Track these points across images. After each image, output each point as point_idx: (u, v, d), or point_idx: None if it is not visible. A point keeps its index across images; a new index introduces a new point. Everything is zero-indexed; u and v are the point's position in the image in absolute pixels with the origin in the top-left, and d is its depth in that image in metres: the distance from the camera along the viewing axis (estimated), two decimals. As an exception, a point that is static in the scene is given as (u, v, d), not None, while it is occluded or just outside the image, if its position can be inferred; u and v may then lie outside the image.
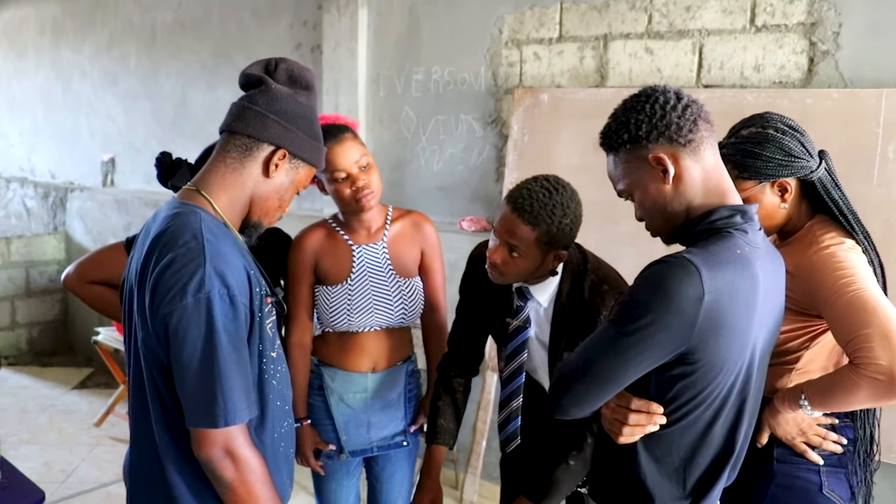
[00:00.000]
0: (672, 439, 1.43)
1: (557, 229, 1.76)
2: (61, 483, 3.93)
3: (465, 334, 2.16)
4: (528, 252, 1.79)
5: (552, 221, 1.75)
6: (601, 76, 3.35)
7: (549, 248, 1.79)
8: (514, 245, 1.79)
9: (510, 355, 2.01)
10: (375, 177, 2.18)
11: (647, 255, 1.41)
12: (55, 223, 6.36)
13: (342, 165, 2.12)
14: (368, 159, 2.17)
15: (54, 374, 5.65)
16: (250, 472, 1.44)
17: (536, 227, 1.75)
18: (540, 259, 1.81)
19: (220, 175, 1.53)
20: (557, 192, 1.77)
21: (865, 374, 1.51)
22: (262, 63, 1.58)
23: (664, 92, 1.41)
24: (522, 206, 1.75)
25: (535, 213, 1.74)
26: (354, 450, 2.34)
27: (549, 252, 1.81)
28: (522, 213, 1.75)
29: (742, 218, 1.39)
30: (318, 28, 4.36)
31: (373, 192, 2.16)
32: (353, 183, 2.14)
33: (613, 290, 1.84)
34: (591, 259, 1.91)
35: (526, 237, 1.77)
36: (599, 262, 1.93)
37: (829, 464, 1.76)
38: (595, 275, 1.87)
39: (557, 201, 1.76)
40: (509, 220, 1.78)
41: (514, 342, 1.99)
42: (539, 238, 1.76)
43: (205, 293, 1.37)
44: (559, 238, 1.78)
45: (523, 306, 1.95)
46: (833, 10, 2.74)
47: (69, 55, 6.24)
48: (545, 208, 1.74)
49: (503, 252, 1.82)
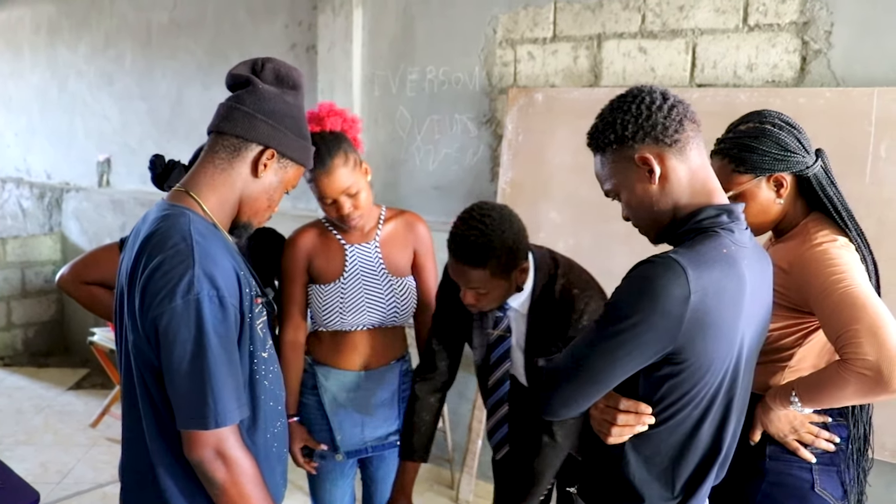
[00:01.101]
0: (660, 439, 1.43)
1: (506, 256, 1.81)
2: (57, 484, 3.92)
3: (444, 346, 2.17)
4: (492, 285, 1.85)
5: (496, 254, 1.80)
6: (595, 76, 3.36)
7: (508, 272, 1.85)
8: (475, 288, 1.85)
9: (494, 364, 2.05)
10: (364, 197, 2.17)
11: (640, 255, 1.41)
12: (51, 223, 6.36)
13: (328, 194, 2.13)
14: (359, 185, 2.14)
15: (50, 375, 5.65)
16: (242, 474, 1.44)
17: (485, 266, 1.80)
18: (507, 283, 1.88)
19: (208, 176, 1.53)
20: (488, 226, 1.80)
21: (853, 369, 1.51)
22: (248, 63, 1.59)
23: (650, 92, 1.41)
24: (464, 254, 1.81)
25: (477, 254, 1.79)
26: (350, 450, 2.34)
27: (511, 273, 1.86)
28: (467, 261, 1.81)
29: (728, 217, 1.39)
30: (312, 28, 4.36)
31: (360, 215, 2.18)
32: (338, 209, 2.15)
33: (583, 293, 1.89)
34: (561, 264, 1.96)
35: (482, 277, 1.83)
36: (571, 265, 1.97)
37: (821, 462, 1.77)
38: (565, 279, 1.92)
39: (493, 233, 1.79)
40: (460, 270, 1.85)
41: (497, 351, 2.03)
42: (493, 272, 1.82)
43: (194, 295, 1.37)
44: (511, 261, 1.83)
45: (503, 316, 2.00)
46: (825, 9, 2.75)
47: (65, 55, 6.24)
48: (484, 247, 1.79)
49: (472, 294, 1.88)
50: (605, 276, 1.98)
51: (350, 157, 2.13)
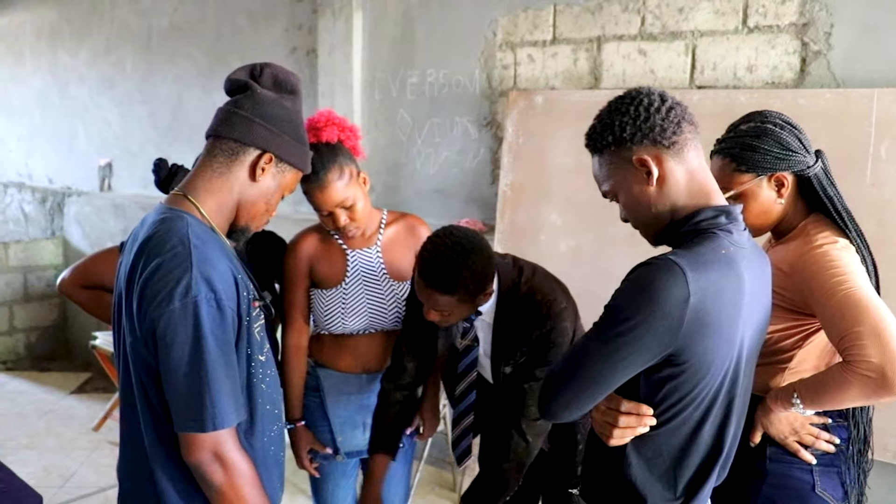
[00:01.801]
0: (662, 440, 1.43)
1: (473, 283, 1.83)
2: (60, 488, 3.93)
3: (412, 349, 2.17)
4: (457, 309, 1.88)
5: (465, 282, 1.81)
6: (595, 78, 3.36)
7: (474, 297, 1.87)
8: (440, 310, 1.88)
9: (461, 374, 2.07)
10: (361, 208, 2.16)
11: (641, 256, 1.41)
12: (53, 228, 6.37)
13: (322, 208, 2.13)
14: (354, 197, 2.13)
15: (52, 379, 5.65)
16: (239, 476, 1.44)
17: (454, 293, 1.82)
18: (472, 305, 1.90)
19: (206, 180, 1.53)
20: (458, 255, 1.81)
21: (857, 371, 1.51)
22: (247, 68, 1.59)
23: (648, 94, 1.41)
24: (433, 279, 1.81)
25: (447, 282, 1.81)
26: (350, 451, 2.34)
27: (475, 299, 1.88)
28: (436, 286, 1.82)
29: (726, 218, 1.39)
30: (313, 32, 4.36)
31: (356, 227, 2.19)
32: (334, 221, 2.16)
33: (546, 296, 1.91)
34: (525, 270, 1.97)
35: (448, 303, 1.85)
36: (535, 270, 1.99)
37: (821, 463, 1.76)
38: (527, 286, 1.94)
39: (462, 260, 1.80)
40: (427, 293, 1.86)
41: (465, 360, 2.06)
42: (460, 299, 1.84)
43: (192, 298, 1.37)
44: (477, 289, 1.86)
45: (470, 327, 2.02)
46: (825, 10, 2.75)
47: (66, 60, 6.26)
48: (454, 275, 1.80)
49: (437, 314, 1.90)
50: (605, 277, 1.97)
51: (345, 171, 2.11)
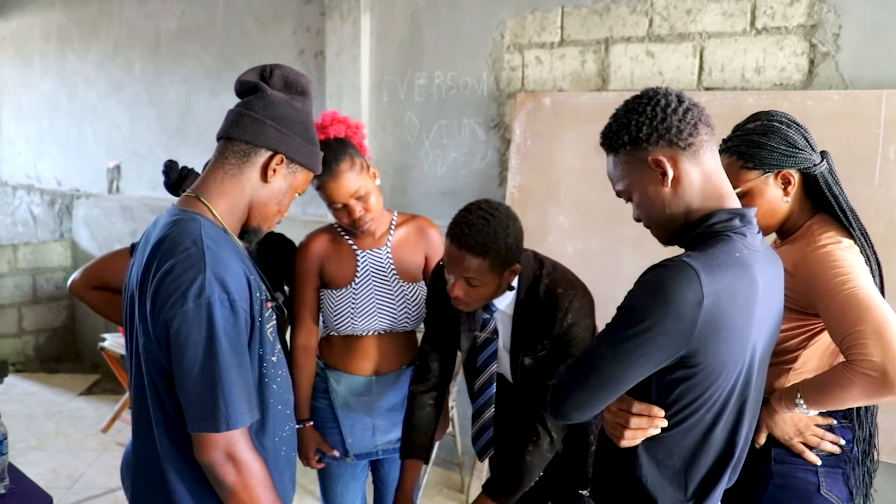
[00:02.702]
0: (673, 442, 1.43)
1: (505, 250, 1.82)
2: (68, 489, 3.94)
3: (435, 348, 2.17)
4: (486, 279, 1.85)
5: (498, 246, 1.80)
6: (603, 80, 3.36)
7: (503, 268, 1.86)
8: (470, 278, 1.85)
9: (481, 367, 2.06)
10: (374, 200, 2.18)
11: (649, 259, 1.41)
12: (61, 230, 6.40)
13: (337, 199, 2.14)
14: (367, 187, 2.16)
15: (61, 381, 5.67)
16: (252, 476, 1.45)
17: (486, 255, 1.81)
18: (498, 281, 1.88)
19: (218, 181, 1.54)
20: (494, 217, 1.82)
21: (859, 370, 1.51)
22: (257, 70, 1.60)
23: (665, 94, 1.41)
24: (467, 240, 1.80)
25: (481, 243, 1.79)
26: (359, 453, 2.35)
27: (504, 271, 1.87)
28: (469, 248, 1.80)
29: (741, 221, 1.39)
30: (321, 34, 4.37)
31: (372, 218, 2.19)
32: (349, 214, 2.16)
33: (566, 291, 1.89)
34: (546, 264, 1.97)
35: (479, 267, 1.82)
36: (555, 265, 1.98)
37: (826, 464, 1.76)
38: (549, 279, 1.92)
39: (497, 225, 1.81)
40: (459, 257, 1.83)
41: (484, 353, 2.04)
42: (491, 264, 1.82)
43: (205, 299, 1.38)
44: (509, 257, 1.84)
45: (490, 318, 2.01)
46: (833, 11, 2.74)
47: (74, 63, 6.28)
48: (488, 236, 1.79)
49: (462, 285, 1.87)
50: (613, 280, 1.98)
51: (356, 161, 2.14)
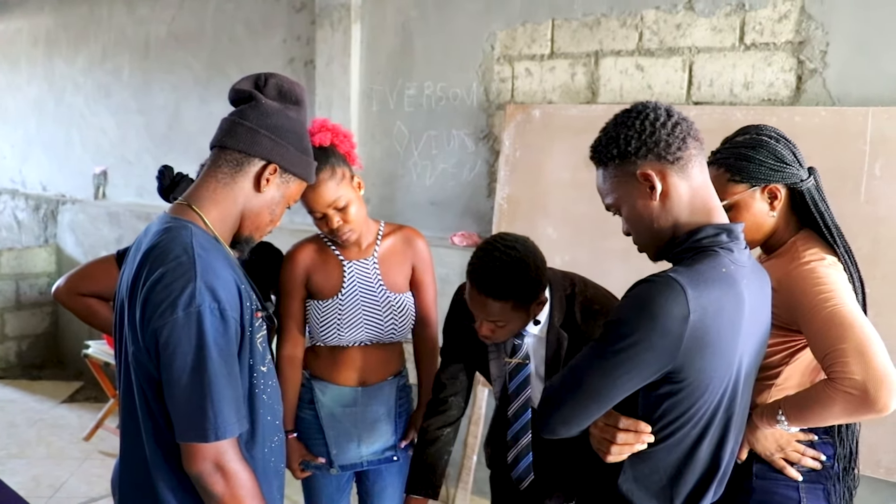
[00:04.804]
0: (659, 457, 1.43)
1: (528, 289, 1.77)
2: (49, 498, 3.89)
3: (453, 380, 2.13)
4: (511, 317, 1.81)
5: (521, 286, 1.76)
6: (592, 92, 3.38)
7: (530, 303, 1.82)
8: (494, 320, 1.81)
9: (514, 392, 2.00)
10: (355, 211, 2.16)
11: (637, 272, 1.41)
12: (46, 235, 6.34)
13: (315, 209, 2.13)
14: (347, 197, 2.13)
15: (43, 388, 5.61)
16: (240, 487, 1.44)
17: (509, 299, 1.76)
18: (526, 317, 1.84)
19: (211, 190, 1.54)
20: (513, 258, 1.76)
21: (840, 388, 1.51)
22: (251, 78, 1.60)
23: (655, 108, 1.42)
24: (487, 285, 1.76)
25: (502, 288, 1.75)
26: (344, 464, 2.33)
27: (531, 305, 1.82)
28: (491, 293, 1.76)
29: (728, 237, 1.40)
30: (311, 43, 4.38)
31: (350, 229, 2.17)
32: (328, 224, 2.15)
33: (604, 308, 1.85)
34: (577, 282, 1.92)
35: (503, 309, 1.78)
36: (586, 283, 1.94)
37: (807, 480, 1.76)
38: (583, 296, 1.88)
39: (518, 266, 1.75)
40: (480, 302, 1.79)
41: (517, 379, 1.98)
42: (515, 305, 1.78)
43: (195, 307, 1.37)
44: (534, 293, 1.80)
45: (521, 344, 1.95)
46: (820, 29, 2.77)
47: (62, 68, 6.25)
48: (509, 280, 1.74)
49: (490, 326, 1.84)
50: (601, 292, 1.97)
51: (337, 171, 2.12)
